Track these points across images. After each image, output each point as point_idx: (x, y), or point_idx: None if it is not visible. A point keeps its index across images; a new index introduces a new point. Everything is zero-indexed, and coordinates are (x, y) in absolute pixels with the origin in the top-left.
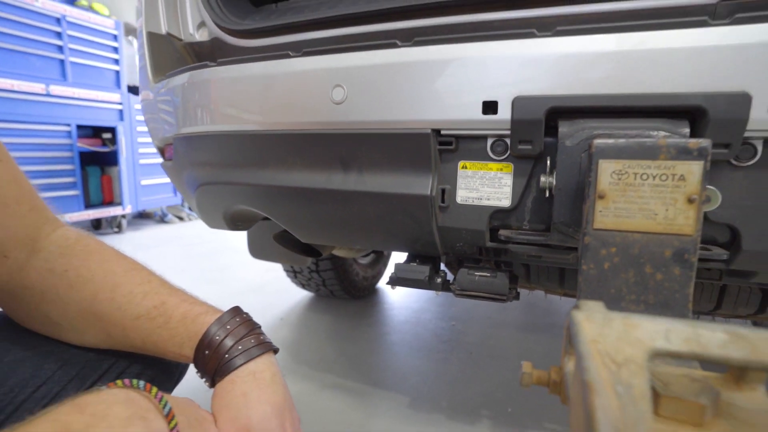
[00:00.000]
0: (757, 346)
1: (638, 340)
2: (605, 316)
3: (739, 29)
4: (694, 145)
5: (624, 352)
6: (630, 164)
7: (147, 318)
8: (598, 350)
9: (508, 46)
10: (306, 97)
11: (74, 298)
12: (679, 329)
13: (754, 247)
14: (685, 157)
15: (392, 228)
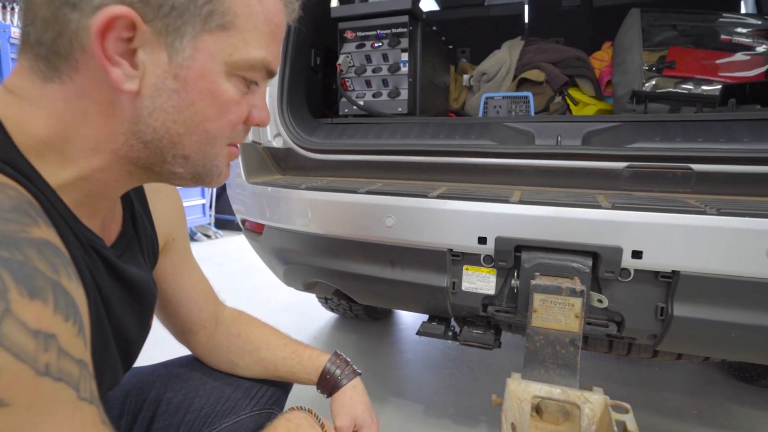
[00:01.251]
0: (569, 395)
1: (528, 390)
2: (518, 381)
3: (617, 213)
4: (578, 289)
5: (522, 395)
6: (547, 297)
7: (289, 359)
8: (513, 392)
9: (494, 207)
10: (368, 220)
11: (246, 349)
12: (542, 387)
13: (633, 326)
14: (573, 295)
15: (421, 302)
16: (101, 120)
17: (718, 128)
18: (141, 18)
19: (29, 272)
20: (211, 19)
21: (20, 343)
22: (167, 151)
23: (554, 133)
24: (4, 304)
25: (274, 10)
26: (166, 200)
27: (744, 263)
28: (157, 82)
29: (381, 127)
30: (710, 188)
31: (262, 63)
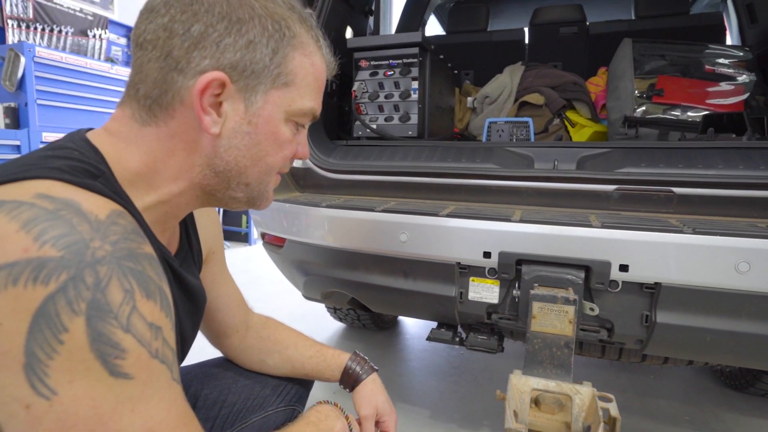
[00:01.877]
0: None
1: (528, 384)
2: (518, 376)
3: (606, 231)
4: (571, 298)
5: (523, 388)
6: (545, 305)
7: (314, 357)
8: (514, 386)
9: (497, 225)
10: (384, 235)
11: (275, 350)
12: (540, 381)
13: (621, 332)
14: (567, 303)
15: (431, 310)
16: (185, 155)
17: (697, 155)
18: (230, 80)
19: (146, 279)
20: (279, 79)
21: (142, 331)
22: (233, 179)
23: (552, 157)
24: (132, 302)
25: (321, 70)
26: (209, 219)
27: (716, 276)
28: (234, 126)
29: (393, 149)
30: (690, 209)
31: (311, 111)
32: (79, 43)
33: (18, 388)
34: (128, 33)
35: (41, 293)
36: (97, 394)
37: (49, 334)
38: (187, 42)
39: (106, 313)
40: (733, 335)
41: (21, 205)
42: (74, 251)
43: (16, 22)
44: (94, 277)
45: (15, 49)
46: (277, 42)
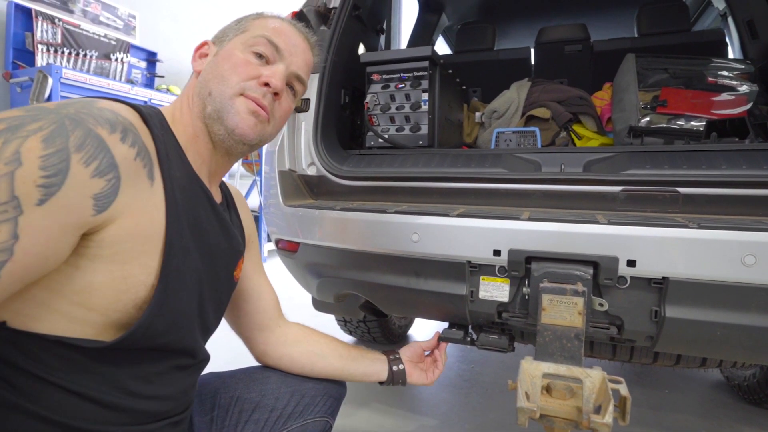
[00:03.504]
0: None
1: (539, 368)
2: (530, 361)
3: (612, 227)
4: (580, 290)
5: (534, 372)
6: (554, 297)
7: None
8: (526, 370)
9: (506, 224)
10: (396, 236)
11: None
12: (551, 366)
13: (631, 328)
14: (576, 295)
15: (442, 309)
16: (187, 93)
17: (701, 157)
18: (212, 42)
19: (66, 134)
20: (238, 30)
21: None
22: (203, 93)
23: (558, 162)
24: (27, 135)
25: (275, 22)
26: (247, 212)
27: (723, 269)
28: (209, 62)
29: (404, 157)
30: (696, 208)
31: (262, 36)
32: (102, 66)
33: None
34: (148, 57)
35: (20, 112)
36: None
37: None
38: None
39: (12, 130)
40: (743, 329)
41: (101, 106)
42: (63, 106)
43: (45, 46)
44: (51, 116)
45: (44, 71)
46: (241, 20)
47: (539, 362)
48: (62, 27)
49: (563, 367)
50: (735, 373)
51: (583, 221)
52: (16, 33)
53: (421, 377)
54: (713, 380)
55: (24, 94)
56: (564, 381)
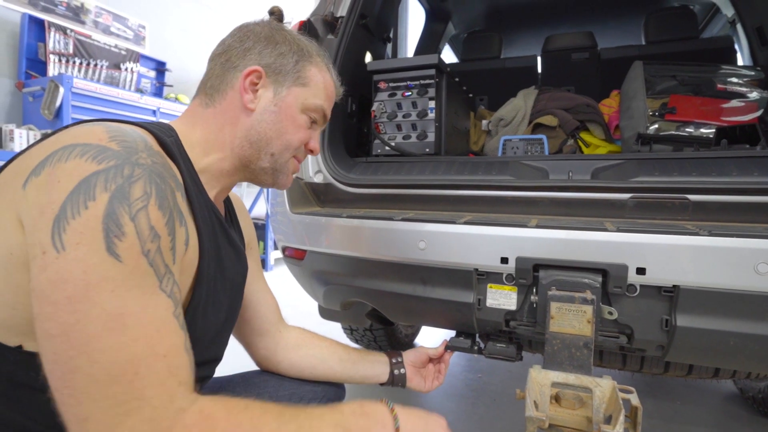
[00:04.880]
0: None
1: (547, 377)
2: (538, 370)
3: (621, 235)
4: (589, 298)
5: (543, 381)
6: (562, 305)
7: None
8: (534, 379)
9: (515, 231)
10: (403, 244)
11: (318, 355)
12: (560, 375)
13: (641, 337)
14: (585, 303)
15: (450, 317)
16: (230, 129)
17: (711, 164)
18: (265, 73)
19: (164, 195)
20: (299, 80)
21: (142, 227)
22: (262, 148)
23: (566, 169)
24: (146, 203)
25: (330, 84)
26: (246, 218)
27: (735, 277)
28: (265, 106)
29: (411, 165)
30: (706, 216)
31: (322, 108)
32: (113, 75)
33: (44, 234)
34: (157, 66)
35: (92, 167)
36: (90, 263)
37: (82, 199)
38: (240, 52)
39: (124, 199)
40: (757, 338)
41: (115, 128)
42: (127, 151)
43: (57, 56)
44: (130, 171)
45: (55, 80)
46: (299, 56)
47: (548, 371)
48: (74, 37)
49: (572, 376)
50: (749, 385)
51: (591, 228)
52: (30, 44)
53: (420, 384)
54: (727, 392)
55: (36, 103)
56: (573, 390)
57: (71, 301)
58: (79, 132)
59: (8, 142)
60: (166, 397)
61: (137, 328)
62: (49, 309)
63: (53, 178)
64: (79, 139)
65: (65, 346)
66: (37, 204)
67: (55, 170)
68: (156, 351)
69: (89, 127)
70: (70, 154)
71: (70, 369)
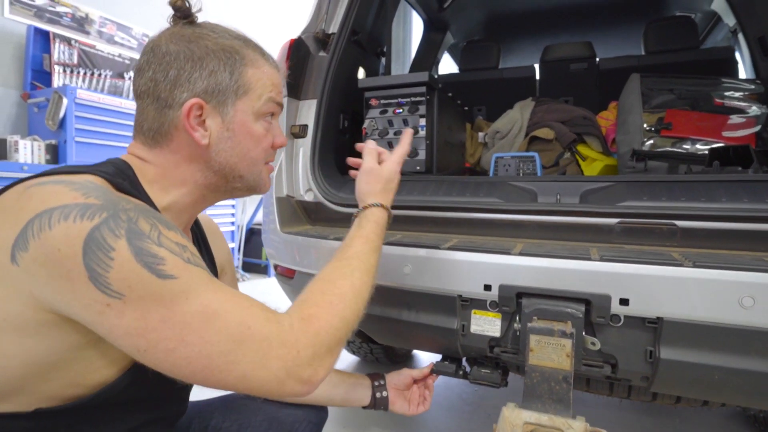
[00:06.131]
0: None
1: (520, 417)
2: (511, 408)
3: (605, 264)
4: (568, 331)
5: (515, 421)
6: (542, 338)
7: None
8: (506, 419)
9: (497, 258)
10: (388, 268)
11: None
12: (532, 414)
13: (626, 368)
14: (564, 337)
15: (434, 342)
16: (187, 165)
17: (701, 188)
18: (205, 102)
19: (164, 220)
20: (239, 90)
21: (171, 246)
22: (229, 174)
23: (555, 191)
24: (158, 230)
25: (271, 73)
26: (220, 241)
27: (720, 311)
28: (218, 134)
29: (401, 184)
30: (694, 242)
31: (272, 100)
32: (116, 84)
33: (92, 294)
34: None
35: (87, 225)
36: (155, 292)
37: (101, 254)
38: (168, 85)
39: (141, 235)
40: (742, 373)
41: (75, 182)
42: (110, 202)
43: (62, 67)
44: (126, 216)
45: (59, 92)
46: (232, 65)
47: (521, 410)
48: (78, 48)
49: (545, 416)
50: None
51: (574, 257)
52: (35, 55)
53: (404, 407)
54: (728, 410)
55: (41, 114)
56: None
57: (166, 320)
58: (44, 196)
59: (13, 153)
60: (274, 324)
61: (222, 305)
62: (152, 336)
63: (51, 249)
64: (51, 203)
65: (188, 349)
66: (55, 276)
67: (45, 241)
68: (243, 307)
69: (50, 187)
70: (50, 219)
71: (205, 356)
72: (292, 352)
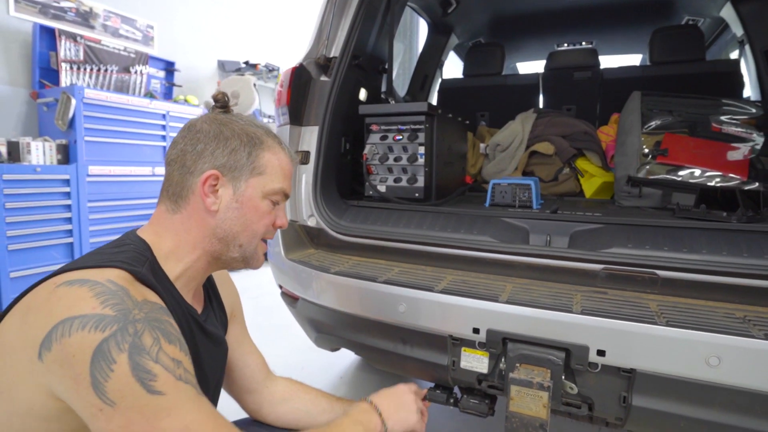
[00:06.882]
0: None
1: None
2: None
3: (584, 318)
4: (546, 384)
5: None
6: (521, 389)
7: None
8: None
9: (485, 305)
10: (384, 305)
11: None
12: None
13: (601, 409)
14: (542, 389)
15: (427, 374)
16: (198, 230)
17: (684, 236)
18: (221, 174)
19: (168, 332)
20: (254, 170)
21: (167, 363)
22: (230, 242)
23: (546, 230)
24: (159, 345)
25: (285, 162)
26: (229, 287)
27: (688, 367)
28: (227, 204)
29: (399, 213)
30: (674, 291)
31: (281, 190)
32: (122, 79)
33: (91, 398)
34: (166, 67)
35: (99, 337)
36: (142, 405)
37: (104, 365)
38: (194, 155)
39: (141, 350)
40: (705, 423)
41: (97, 285)
42: (122, 313)
43: (68, 64)
44: (134, 329)
45: (67, 92)
46: (251, 147)
47: None
48: (84, 44)
49: None
50: None
51: (557, 308)
52: (42, 53)
53: None
54: None
55: (50, 113)
56: None
57: None
58: (69, 301)
59: (26, 155)
60: None
61: (201, 427)
62: None
63: (68, 354)
64: (73, 311)
65: None
66: (67, 377)
67: (64, 346)
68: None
69: (75, 291)
70: (71, 328)
71: None
72: None
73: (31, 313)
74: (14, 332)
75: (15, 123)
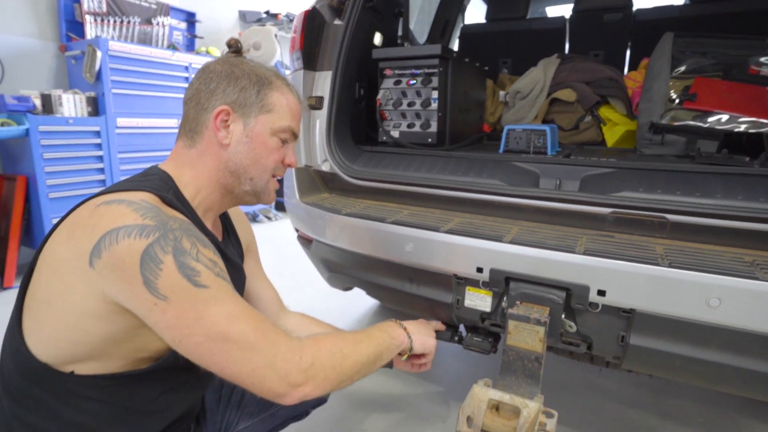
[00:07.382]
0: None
1: (486, 394)
2: (480, 386)
3: (586, 258)
4: (543, 319)
5: (482, 397)
6: (519, 323)
7: None
8: (475, 395)
9: (489, 245)
10: (392, 245)
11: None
12: (497, 393)
13: (599, 348)
14: (538, 324)
15: (433, 312)
16: (212, 163)
17: (699, 181)
18: (232, 110)
19: (201, 239)
20: (263, 108)
21: (206, 262)
22: (242, 175)
23: (557, 174)
24: (197, 248)
25: (293, 102)
26: (244, 224)
27: (687, 308)
28: (238, 138)
29: (411, 158)
30: (683, 236)
31: (289, 128)
32: (145, 31)
33: (145, 295)
34: (187, 18)
35: (144, 243)
36: (191, 296)
37: (153, 265)
38: (207, 93)
39: (184, 252)
40: (701, 362)
41: (134, 203)
42: (161, 222)
43: (92, 17)
44: (173, 235)
45: (93, 45)
46: (260, 86)
47: (488, 389)
48: None
49: (507, 395)
50: None
51: (559, 249)
52: (67, 5)
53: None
54: None
55: (78, 66)
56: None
57: (198, 320)
58: (112, 216)
59: (58, 107)
60: (282, 335)
61: (243, 313)
62: (186, 330)
63: (118, 259)
64: (117, 223)
65: (211, 343)
66: (120, 279)
67: (113, 253)
68: (259, 318)
69: (115, 207)
70: (118, 236)
71: (226, 351)
72: (296, 357)
73: (76, 229)
74: (62, 247)
75: (47, 76)
